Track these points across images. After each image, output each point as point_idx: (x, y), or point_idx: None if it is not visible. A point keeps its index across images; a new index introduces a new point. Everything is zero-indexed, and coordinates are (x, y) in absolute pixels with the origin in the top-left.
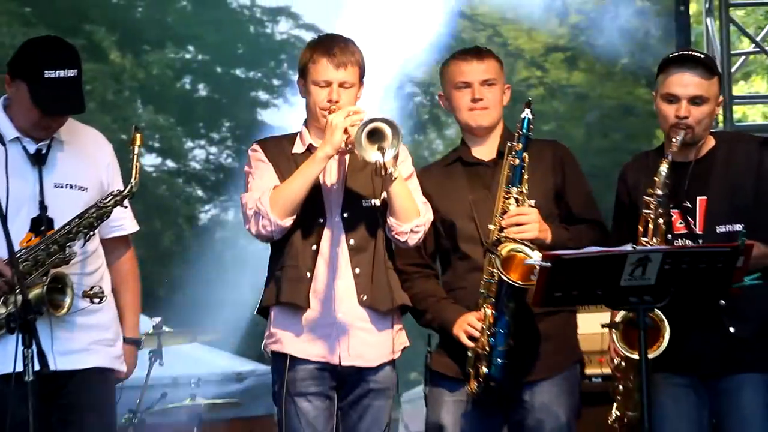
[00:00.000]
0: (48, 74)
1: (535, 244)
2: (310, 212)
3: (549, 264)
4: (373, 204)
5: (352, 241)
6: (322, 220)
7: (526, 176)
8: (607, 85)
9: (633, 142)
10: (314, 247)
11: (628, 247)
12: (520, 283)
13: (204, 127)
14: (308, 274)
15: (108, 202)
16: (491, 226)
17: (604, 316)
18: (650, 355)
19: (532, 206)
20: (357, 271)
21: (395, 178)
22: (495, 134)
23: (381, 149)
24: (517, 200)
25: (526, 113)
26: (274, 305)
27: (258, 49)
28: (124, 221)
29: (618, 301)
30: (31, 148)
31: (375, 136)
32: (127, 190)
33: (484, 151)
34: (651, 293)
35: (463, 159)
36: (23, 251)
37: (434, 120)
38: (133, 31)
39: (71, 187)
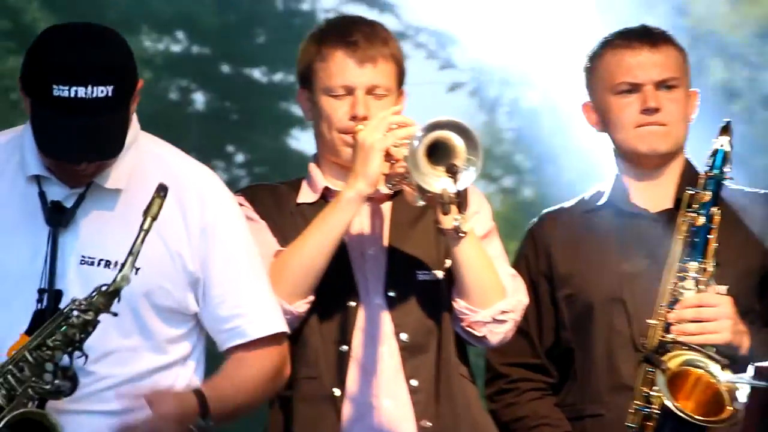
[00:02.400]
0: (57, 91)
1: (724, 354)
2: (335, 292)
3: (766, 384)
4: (433, 276)
5: (404, 336)
6: (354, 304)
7: (714, 245)
8: None
9: None
10: (343, 347)
11: None
12: (700, 418)
13: (202, 159)
14: (336, 392)
15: (82, 305)
16: (652, 321)
17: None
18: None
19: (721, 293)
20: (414, 383)
21: (464, 234)
22: (672, 170)
23: (452, 168)
24: (697, 282)
25: (721, 143)
26: None
27: (289, 36)
28: (242, 320)
29: None
30: (55, 194)
31: (438, 154)
32: (113, 284)
33: (653, 195)
34: None
35: (616, 205)
36: None
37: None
38: (87, 7)
39: (109, 265)
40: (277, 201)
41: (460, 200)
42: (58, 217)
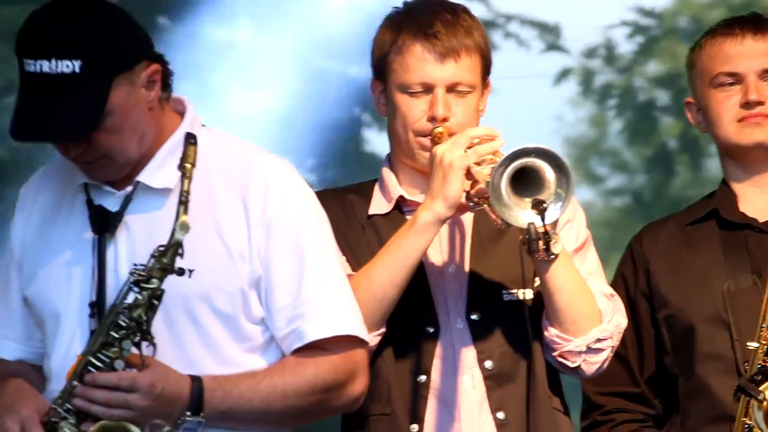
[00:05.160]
0: (27, 66)
1: None
2: (411, 316)
3: None
4: (521, 296)
5: (488, 364)
6: (432, 330)
7: None
8: None
9: None
10: (421, 378)
11: None
12: None
13: None
14: (414, 428)
15: (142, 275)
16: (752, 345)
17: None
18: None
19: None
20: (500, 416)
21: (554, 257)
22: None
23: (539, 205)
24: None
25: None
26: None
27: (365, 24)
28: (301, 321)
29: None
30: (104, 200)
31: (524, 181)
32: (171, 237)
33: (763, 202)
34: None
35: (720, 215)
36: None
37: (689, 145)
38: None
39: None
40: (345, 212)
41: (548, 237)
42: (103, 223)
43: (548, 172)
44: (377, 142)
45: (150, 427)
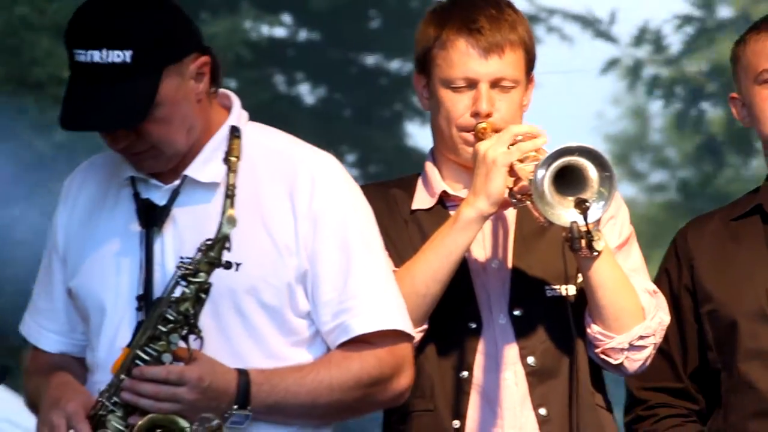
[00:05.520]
0: (77, 56)
1: None
2: (453, 312)
3: None
4: (564, 292)
5: (531, 360)
6: (475, 326)
7: None
8: None
9: None
10: (463, 374)
11: None
12: None
13: None
14: (456, 424)
15: (189, 269)
16: None
17: None
18: None
19: None
20: (542, 413)
21: (597, 254)
22: None
23: (581, 204)
24: None
25: None
26: None
27: (406, 20)
28: (347, 316)
29: None
30: (151, 194)
31: (567, 179)
32: (218, 231)
33: None
34: None
35: (765, 211)
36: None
37: (738, 139)
38: None
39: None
40: (389, 207)
41: (591, 235)
42: (151, 216)
43: (591, 171)
44: (420, 136)
45: (199, 421)
